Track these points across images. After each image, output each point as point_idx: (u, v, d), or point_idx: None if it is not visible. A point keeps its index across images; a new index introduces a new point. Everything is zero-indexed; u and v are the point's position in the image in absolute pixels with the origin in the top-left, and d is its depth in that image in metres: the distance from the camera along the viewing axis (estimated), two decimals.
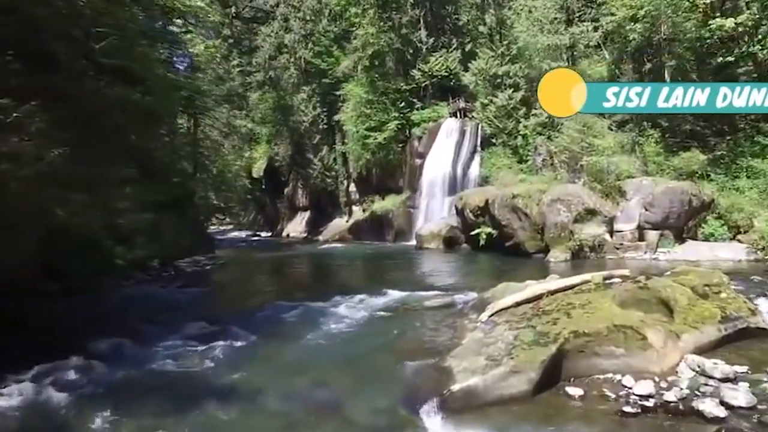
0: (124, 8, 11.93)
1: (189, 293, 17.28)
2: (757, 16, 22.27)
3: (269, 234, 54.84)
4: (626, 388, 6.91)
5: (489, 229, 25.05)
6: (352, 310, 12.58)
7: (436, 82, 37.73)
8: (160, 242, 22.36)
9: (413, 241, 31.63)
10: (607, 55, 30.42)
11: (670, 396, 6.60)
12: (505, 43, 33.33)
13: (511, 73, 32.39)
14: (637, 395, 6.71)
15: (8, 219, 9.09)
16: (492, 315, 9.64)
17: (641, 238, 20.90)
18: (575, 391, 6.98)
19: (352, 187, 44.97)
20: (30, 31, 8.71)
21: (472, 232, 26.05)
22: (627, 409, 6.45)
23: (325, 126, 45.66)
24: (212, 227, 57.34)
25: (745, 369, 7.17)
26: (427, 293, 14.18)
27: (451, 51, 37.93)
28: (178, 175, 29.70)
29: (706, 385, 6.79)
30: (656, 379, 7.01)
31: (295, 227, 51.25)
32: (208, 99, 34.15)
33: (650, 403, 6.55)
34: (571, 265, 19.28)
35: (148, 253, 21.63)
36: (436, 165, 35.05)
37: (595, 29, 29.92)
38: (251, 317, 12.26)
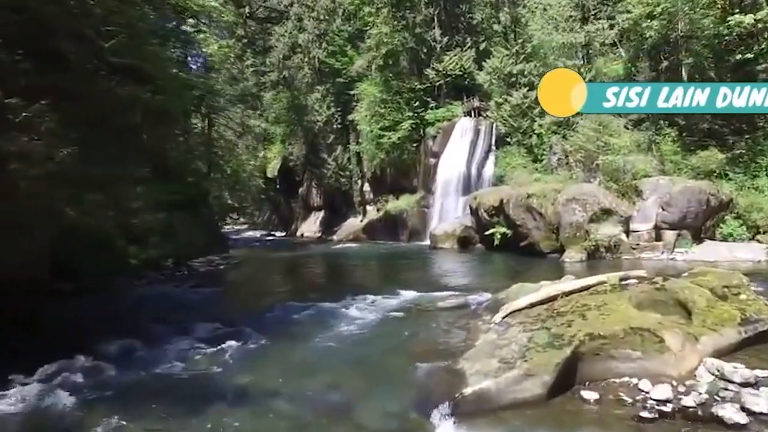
0: (135, 7, 11.91)
1: (202, 293, 17.26)
2: None
3: (284, 234, 54.92)
4: (643, 393, 6.71)
5: (503, 229, 24.89)
6: (365, 310, 12.47)
7: (450, 81, 37.60)
8: (174, 242, 22.40)
9: (427, 241, 31.53)
10: (623, 53, 30.10)
11: (688, 401, 6.39)
12: (520, 41, 33.13)
13: (525, 71, 32.15)
14: (655, 400, 6.51)
15: (19, 219, 9.07)
16: (506, 316, 9.46)
17: (658, 238, 20.66)
18: (590, 395, 6.80)
19: (366, 187, 44.95)
20: (40, 29, 8.68)
21: (487, 232, 25.91)
22: (644, 414, 6.25)
23: (339, 126, 45.61)
24: (227, 227, 57.52)
25: (766, 373, 6.93)
26: (441, 294, 14.05)
27: (466, 50, 37.79)
28: (192, 174, 29.84)
29: (726, 389, 6.57)
30: (674, 384, 6.80)
31: (310, 227, 51.28)
32: (221, 99, 34.18)
33: (668, 408, 6.34)
34: (586, 266, 19.08)
35: (162, 253, 21.66)
36: (451, 164, 34.95)
37: (611, 27, 29.57)
38: (263, 318, 12.19)
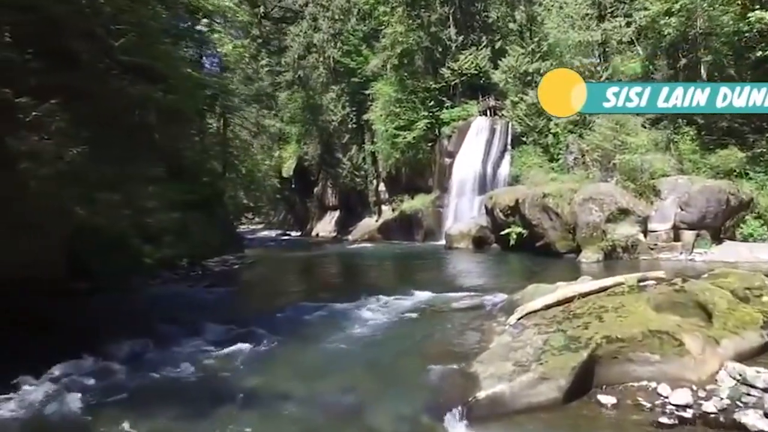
0: (146, 6, 11.87)
1: (216, 293, 17.26)
2: None
3: (299, 233, 54.89)
4: (662, 397, 6.53)
5: (519, 229, 24.70)
6: (379, 311, 12.38)
7: (465, 80, 37.38)
8: (189, 241, 22.35)
9: (442, 241, 31.34)
10: (641, 51, 29.76)
11: (709, 406, 6.20)
12: (536, 39, 32.83)
13: (541, 70, 31.67)
14: (674, 405, 6.32)
15: (30, 218, 9.04)
16: (521, 318, 9.32)
17: (677, 238, 20.40)
18: (608, 399, 6.64)
19: (381, 187, 44.80)
20: (50, 28, 8.64)
21: (502, 232, 25.71)
22: (663, 419, 6.08)
23: (354, 125, 45.51)
24: (242, 227, 57.59)
25: None
26: (455, 294, 13.92)
27: (481, 49, 37.53)
28: (207, 174, 29.80)
29: (748, 395, 6.36)
30: (694, 388, 6.61)
31: (325, 227, 51.22)
32: (236, 98, 34.16)
33: (688, 413, 6.16)
34: (603, 266, 18.87)
35: (177, 253, 21.61)
36: (466, 164, 34.75)
37: (628, 24, 29.18)
38: (276, 318, 12.13)
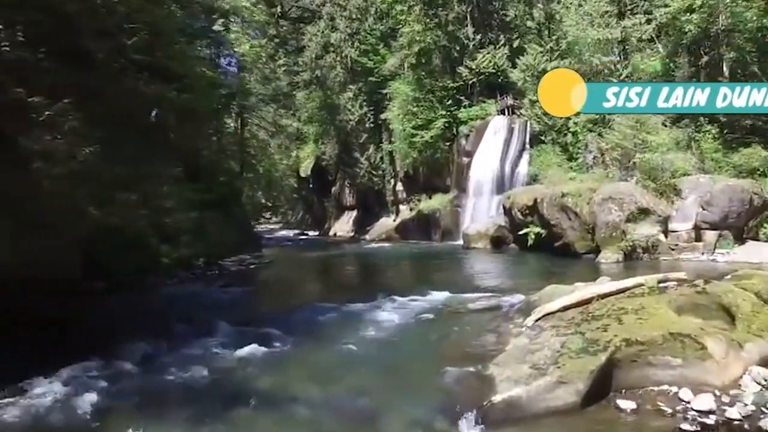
0: (161, 6, 11.86)
1: (231, 293, 17.23)
2: None
3: (317, 233, 54.96)
4: (683, 403, 6.35)
5: (537, 229, 24.45)
6: (394, 312, 12.22)
7: (483, 79, 37.12)
8: (206, 241, 22.44)
9: (460, 241, 31.12)
10: (661, 49, 29.31)
11: (733, 413, 6.00)
12: (554, 38, 32.51)
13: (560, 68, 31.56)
14: (696, 411, 6.14)
15: (44, 218, 9.04)
16: (538, 319, 9.16)
17: (698, 238, 20.08)
18: (627, 404, 6.46)
19: (399, 186, 44.75)
20: (63, 28, 8.62)
21: (520, 232, 25.49)
22: (685, 426, 5.89)
23: (372, 125, 45.44)
24: (260, 226, 57.82)
25: None
26: (472, 295, 13.73)
27: (499, 47, 37.27)
28: (224, 174, 30.00)
29: None
30: (717, 393, 6.41)
31: (342, 226, 51.25)
32: (252, 98, 34.27)
33: (711, 420, 5.97)
34: (623, 267, 18.58)
35: (193, 252, 21.71)
36: (484, 163, 34.54)
37: (648, 22, 28.73)
38: (291, 319, 12.02)
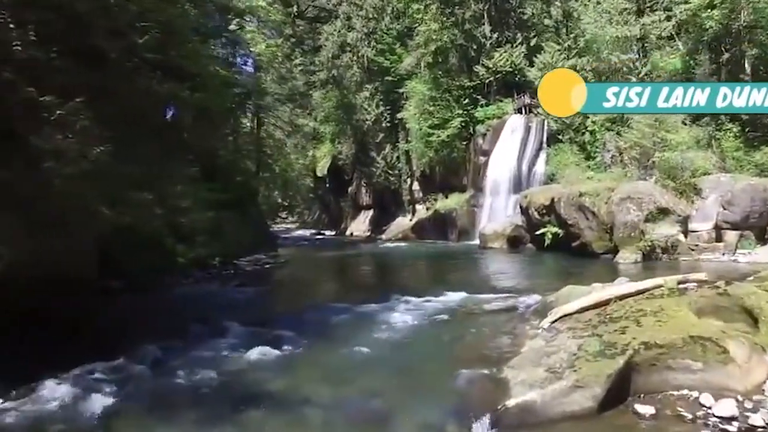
0: (175, 5, 11.83)
1: (246, 292, 17.21)
2: None
3: (333, 233, 54.97)
4: (704, 408, 6.14)
5: (555, 229, 24.23)
6: (409, 312, 12.07)
7: (500, 77, 36.91)
8: (222, 241, 22.43)
9: (476, 241, 30.94)
10: (681, 46, 28.93)
11: (756, 419, 5.78)
12: (572, 36, 32.31)
13: (578, 66, 31.04)
14: (718, 417, 5.92)
15: (56, 218, 9.03)
16: (554, 321, 8.99)
17: (719, 238, 19.75)
18: (646, 409, 6.27)
19: (415, 186, 44.69)
20: (74, 27, 8.60)
21: (537, 232, 25.28)
22: None
23: (388, 124, 45.34)
24: (277, 226, 57.95)
25: None
26: (488, 296, 13.54)
27: (516, 46, 37.03)
28: (241, 173, 30.06)
29: None
30: (739, 399, 6.20)
31: (359, 226, 51.23)
32: (268, 97, 34.34)
33: (733, 427, 5.75)
34: (641, 267, 18.27)
35: (209, 252, 21.69)
36: (501, 163, 34.35)
37: (668, 18, 28.35)
38: (304, 319, 11.96)
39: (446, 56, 38.59)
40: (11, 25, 7.97)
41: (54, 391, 7.36)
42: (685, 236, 20.19)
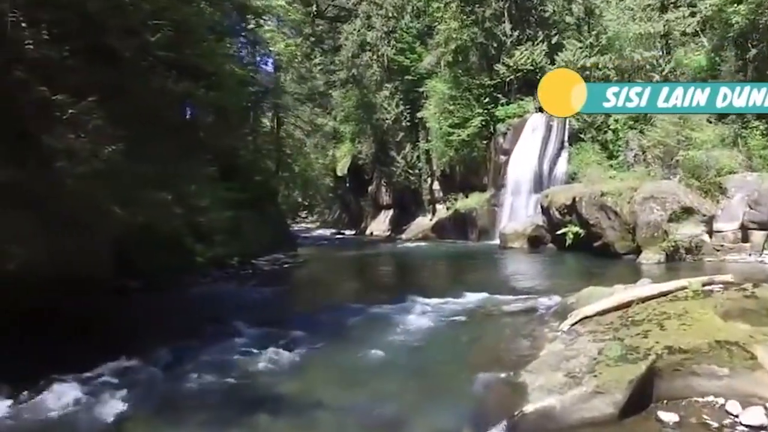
0: (190, 3, 11.77)
1: (263, 292, 17.15)
2: None
3: (353, 232, 54.88)
4: (731, 416, 5.86)
5: (576, 229, 23.89)
6: (426, 314, 11.92)
7: (521, 76, 36.45)
8: (241, 240, 22.39)
9: (497, 240, 30.61)
10: (706, 43, 28.42)
11: None
12: (594, 33, 31.81)
13: (600, 64, 30.77)
14: (745, 425, 5.65)
15: (70, 217, 8.99)
16: (574, 323, 8.73)
17: (745, 239, 19.33)
18: (669, 416, 6.01)
19: (435, 185, 44.40)
20: (88, 25, 8.55)
21: (558, 232, 24.95)
22: None
23: (408, 123, 45.09)
24: (297, 225, 58.03)
25: None
26: (507, 297, 13.34)
27: (537, 44, 36.58)
28: (260, 173, 30.05)
29: None
30: None
31: (379, 225, 51.09)
32: (288, 97, 34.36)
33: None
34: (664, 268, 17.92)
35: (228, 252, 21.65)
36: (522, 162, 33.95)
37: (693, 15, 27.88)
38: (320, 320, 11.89)
39: (466, 55, 38.26)
40: (23, 24, 7.94)
41: (63, 393, 7.29)
42: (710, 236, 19.79)
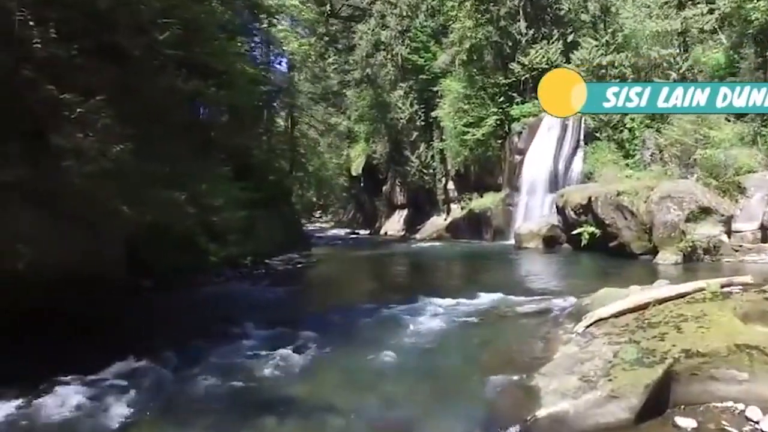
0: (201, 2, 11.71)
1: (276, 292, 17.08)
2: None
3: (367, 232, 54.76)
4: (751, 423, 5.68)
5: (592, 229, 23.61)
6: (438, 315, 11.76)
7: (536, 75, 36.01)
8: (254, 240, 22.37)
9: (512, 240, 30.45)
10: (725, 40, 28.02)
11: None
12: (610, 31, 31.45)
13: (616, 62, 30.44)
14: None
15: (80, 216, 8.95)
16: (589, 325, 8.56)
17: (765, 239, 19.05)
18: (687, 422, 5.84)
19: (449, 185, 44.19)
20: (97, 24, 8.50)
21: (574, 232, 24.68)
22: None
23: (423, 123, 44.94)
24: (312, 225, 58.08)
25: None
26: (521, 298, 13.15)
27: (552, 42, 36.23)
28: (274, 173, 30.03)
29: None
30: None
31: (393, 225, 50.95)
32: (301, 96, 34.36)
33: None
34: (682, 269, 17.64)
35: (241, 251, 21.64)
36: (537, 161, 33.67)
37: (711, 11, 27.48)
38: (331, 321, 11.77)
39: (481, 54, 38.07)
40: (31, 23, 7.89)
41: (69, 395, 7.21)
42: (729, 237, 19.47)
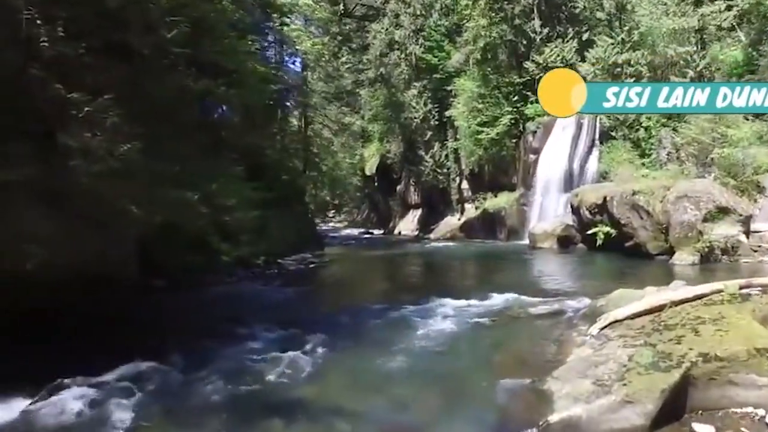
0: (211, 0, 11.66)
1: (286, 293, 17.04)
2: None
3: (381, 232, 54.74)
4: None
5: (607, 228, 23.36)
6: (450, 316, 11.62)
7: None
8: (267, 240, 22.30)
9: (526, 240, 30.22)
10: (743, 37, 27.65)
11: None
12: (626, 28, 31.17)
13: (632, 61, 30.17)
14: None
15: (88, 216, 8.91)
16: (604, 328, 8.41)
17: None
18: (704, 428, 5.67)
19: (464, 185, 44.11)
20: (105, 23, 8.46)
21: (589, 232, 24.42)
22: None
23: (437, 122, 44.88)
24: (325, 225, 58.16)
25: None
26: (535, 299, 12.96)
27: (567, 40, 35.93)
28: (287, 172, 30.02)
29: None
30: None
31: (407, 225, 50.91)
32: (315, 96, 34.38)
33: None
34: (699, 270, 17.37)
35: (254, 251, 21.59)
36: (551, 161, 33.41)
37: (729, 8, 27.11)
38: (342, 321, 11.69)
39: (495, 52, 37.88)
40: (39, 22, 7.86)
41: (75, 396, 7.15)
42: (747, 237, 19.17)
